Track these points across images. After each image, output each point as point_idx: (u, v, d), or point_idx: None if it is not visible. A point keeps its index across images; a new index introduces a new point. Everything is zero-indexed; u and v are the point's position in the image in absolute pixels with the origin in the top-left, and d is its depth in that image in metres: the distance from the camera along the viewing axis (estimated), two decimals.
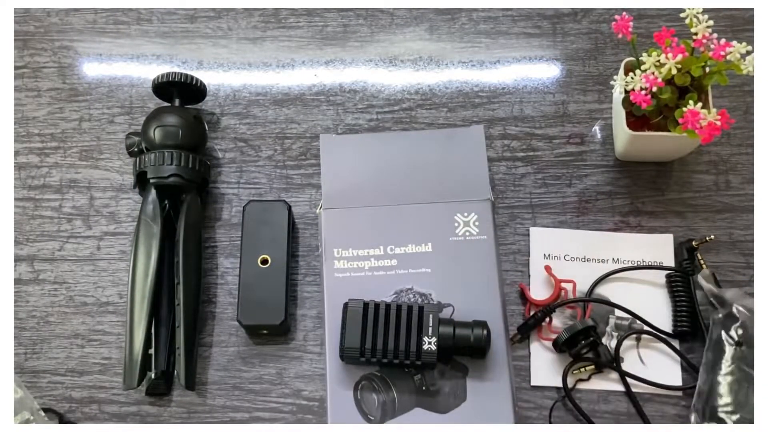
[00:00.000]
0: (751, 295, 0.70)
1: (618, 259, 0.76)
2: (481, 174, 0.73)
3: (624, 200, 0.78)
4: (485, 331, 0.65)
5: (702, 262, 0.74)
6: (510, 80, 0.84)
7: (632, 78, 0.68)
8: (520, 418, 0.70)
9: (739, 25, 0.84)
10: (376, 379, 0.67)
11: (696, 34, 0.67)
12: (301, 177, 0.80)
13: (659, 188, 0.79)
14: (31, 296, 0.77)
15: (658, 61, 0.68)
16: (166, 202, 0.76)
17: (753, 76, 0.67)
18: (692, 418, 0.69)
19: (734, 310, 0.69)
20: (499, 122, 0.82)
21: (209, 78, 0.84)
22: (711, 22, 0.67)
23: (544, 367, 0.73)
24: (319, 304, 0.73)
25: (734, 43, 0.66)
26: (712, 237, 0.75)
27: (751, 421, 0.65)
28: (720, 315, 0.70)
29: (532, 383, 0.72)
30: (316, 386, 0.73)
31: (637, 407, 0.71)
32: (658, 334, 0.73)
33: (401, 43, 0.86)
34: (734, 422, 0.66)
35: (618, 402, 0.72)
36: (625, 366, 0.72)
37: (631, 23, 0.69)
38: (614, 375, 0.72)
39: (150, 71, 0.84)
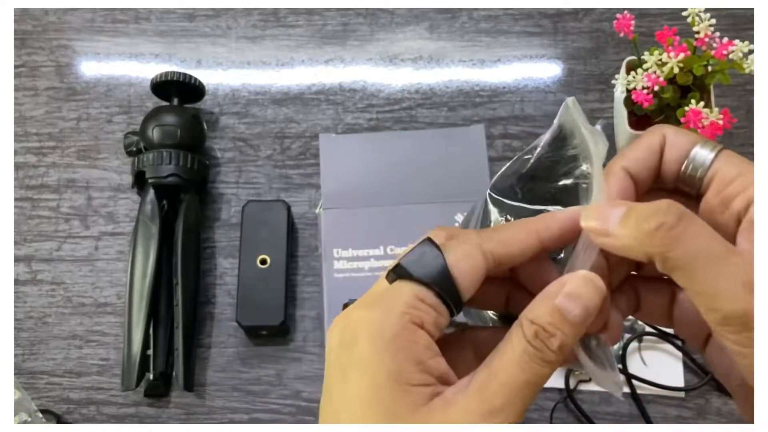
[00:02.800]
0: None
1: None
2: (481, 173, 0.73)
3: None
4: None
5: None
6: (511, 79, 0.83)
7: (634, 77, 0.68)
8: None
9: (742, 23, 0.83)
10: None
11: (698, 32, 0.67)
12: (300, 177, 0.80)
13: None
14: (28, 297, 0.76)
15: (660, 60, 0.67)
16: (164, 202, 0.75)
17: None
18: None
19: None
20: (499, 121, 0.81)
21: (208, 77, 0.83)
22: (713, 21, 0.66)
23: None
24: (319, 304, 0.73)
25: (736, 41, 0.65)
26: None
27: None
28: None
29: None
30: (316, 387, 0.73)
31: (641, 409, 0.71)
32: (662, 334, 0.72)
33: (401, 42, 0.85)
34: None
35: (620, 403, 0.71)
36: (628, 367, 0.72)
37: (632, 22, 0.69)
38: None
39: (148, 70, 0.84)
